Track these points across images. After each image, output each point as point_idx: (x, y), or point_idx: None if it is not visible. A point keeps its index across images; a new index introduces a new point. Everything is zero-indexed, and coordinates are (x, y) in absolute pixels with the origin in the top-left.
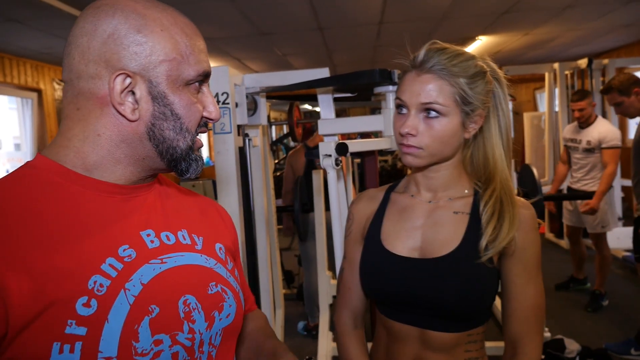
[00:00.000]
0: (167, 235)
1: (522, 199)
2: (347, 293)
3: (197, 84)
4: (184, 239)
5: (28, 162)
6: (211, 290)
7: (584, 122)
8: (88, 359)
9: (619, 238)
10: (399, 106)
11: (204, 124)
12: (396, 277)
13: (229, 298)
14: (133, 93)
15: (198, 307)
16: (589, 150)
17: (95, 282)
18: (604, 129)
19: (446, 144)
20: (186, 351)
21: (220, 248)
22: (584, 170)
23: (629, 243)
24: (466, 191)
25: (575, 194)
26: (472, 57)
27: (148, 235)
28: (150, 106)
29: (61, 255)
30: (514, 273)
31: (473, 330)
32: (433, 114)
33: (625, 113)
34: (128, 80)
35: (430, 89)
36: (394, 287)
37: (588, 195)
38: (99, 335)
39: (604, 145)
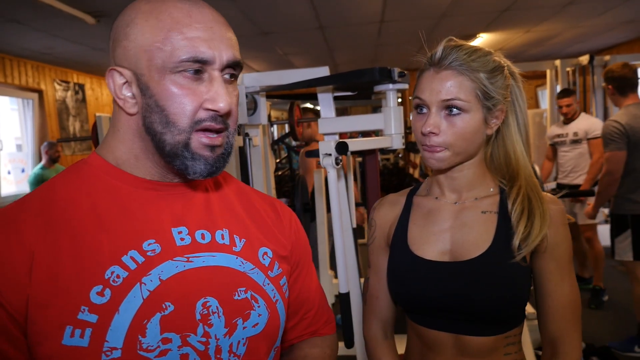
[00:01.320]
0: (202, 234)
1: (549, 195)
2: (375, 302)
3: (190, 72)
4: (222, 239)
5: (84, 158)
6: (238, 295)
7: (570, 118)
8: (95, 346)
9: None
10: (418, 106)
11: (210, 118)
12: (428, 283)
13: (259, 307)
14: (131, 88)
15: (219, 311)
16: (576, 141)
17: (112, 273)
18: (589, 122)
19: (470, 141)
20: (198, 355)
21: (265, 253)
22: (572, 162)
23: None
24: (491, 190)
25: (576, 191)
26: (489, 52)
27: (180, 232)
28: (141, 99)
29: (86, 245)
30: (548, 270)
31: (510, 332)
32: (455, 110)
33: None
34: (120, 76)
35: (450, 85)
36: (426, 293)
37: (589, 192)
38: (107, 325)
39: (589, 136)
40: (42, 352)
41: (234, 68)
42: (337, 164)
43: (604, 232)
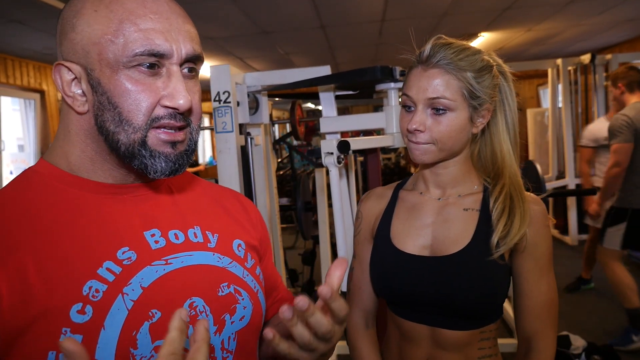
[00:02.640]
0: (175, 234)
1: (532, 195)
2: (358, 292)
3: (146, 66)
4: (195, 237)
5: (31, 166)
6: (222, 291)
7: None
8: None
9: None
10: (406, 102)
11: (169, 116)
12: (407, 276)
13: (243, 299)
14: (81, 84)
15: (206, 310)
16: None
17: (90, 288)
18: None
19: (455, 139)
20: None
21: (239, 245)
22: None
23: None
24: (475, 187)
25: (581, 190)
26: (478, 52)
27: (152, 235)
28: (92, 96)
29: (55, 261)
30: (526, 269)
31: (485, 327)
32: (441, 109)
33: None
34: (68, 72)
35: (437, 83)
36: (405, 286)
37: (593, 190)
38: (94, 344)
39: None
40: None
41: (194, 62)
42: (339, 162)
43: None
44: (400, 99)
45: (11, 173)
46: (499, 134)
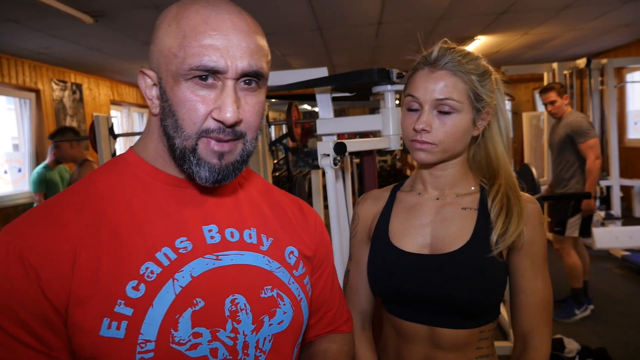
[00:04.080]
0: (231, 232)
1: (527, 194)
2: (355, 294)
3: (200, 79)
4: (250, 238)
5: (122, 153)
6: (265, 293)
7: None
8: (130, 338)
9: (618, 238)
10: (411, 103)
11: (218, 130)
12: (407, 275)
13: (284, 305)
14: (155, 89)
15: (246, 308)
16: None
17: (147, 269)
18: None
19: (458, 140)
20: (227, 350)
21: (291, 252)
22: None
23: (628, 242)
24: (472, 188)
25: (575, 194)
26: (479, 57)
27: (210, 230)
28: (160, 102)
29: (123, 240)
30: (523, 267)
31: (484, 326)
32: (447, 110)
33: (554, 112)
34: (147, 78)
35: (445, 85)
36: (405, 285)
37: (587, 194)
38: (142, 318)
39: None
40: (81, 342)
41: (253, 76)
42: (335, 164)
43: (617, 233)
44: (403, 100)
45: (6, 172)
46: (493, 137)
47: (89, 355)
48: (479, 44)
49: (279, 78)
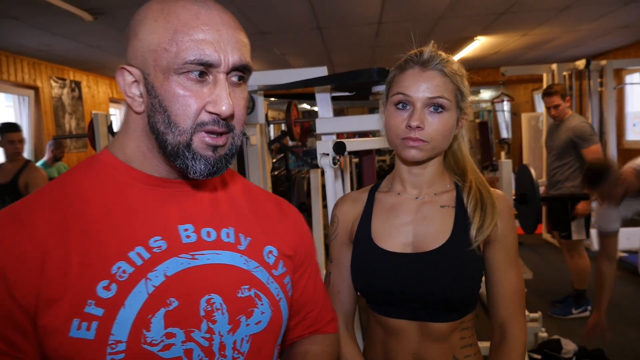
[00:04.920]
0: (208, 232)
1: (497, 190)
2: (337, 296)
3: (195, 74)
4: (227, 237)
5: (96, 154)
6: (242, 293)
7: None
8: (101, 338)
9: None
10: (400, 102)
11: (213, 122)
12: (393, 274)
13: (262, 305)
14: (139, 86)
15: (222, 308)
16: None
17: (119, 268)
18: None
19: (446, 138)
20: (203, 351)
21: (270, 251)
22: None
23: (625, 244)
24: (448, 186)
25: (574, 195)
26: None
27: (186, 230)
28: (147, 98)
29: (95, 240)
30: (498, 260)
31: (465, 317)
32: (439, 108)
33: (556, 115)
34: (129, 74)
35: (437, 84)
36: (390, 284)
37: (586, 195)
38: (113, 319)
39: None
40: (51, 344)
41: (241, 71)
42: (334, 163)
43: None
44: (389, 99)
45: None
46: (459, 137)
47: (60, 357)
48: (478, 45)
49: (279, 77)
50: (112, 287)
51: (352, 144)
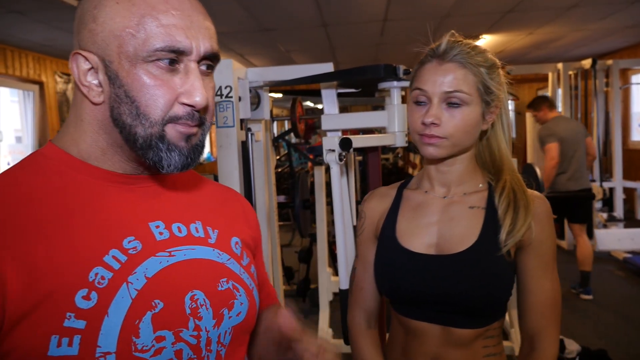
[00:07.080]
0: (178, 227)
1: (535, 192)
2: (360, 293)
3: (165, 62)
4: (197, 232)
5: (38, 149)
6: (221, 286)
7: None
8: (86, 353)
9: (620, 239)
10: (418, 97)
11: (187, 115)
12: (414, 275)
13: (240, 296)
14: (97, 75)
15: (206, 304)
16: None
17: (96, 275)
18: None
19: (468, 134)
20: (191, 349)
21: (236, 243)
22: None
23: (630, 244)
24: (480, 185)
25: (578, 193)
26: (486, 50)
27: (157, 226)
28: (109, 88)
29: (62, 246)
30: (531, 266)
31: (491, 325)
32: (456, 103)
33: (539, 122)
34: (85, 61)
35: (454, 77)
36: (412, 285)
37: (588, 195)
38: (98, 330)
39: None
40: None
41: (211, 60)
42: (340, 160)
43: (619, 235)
44: (410, 94)
45: (8, 164)
46: (497, 133)
47: None
48: (484, 43)
49: (285, 73)
50: (92, 295)
51: (358, 141)
